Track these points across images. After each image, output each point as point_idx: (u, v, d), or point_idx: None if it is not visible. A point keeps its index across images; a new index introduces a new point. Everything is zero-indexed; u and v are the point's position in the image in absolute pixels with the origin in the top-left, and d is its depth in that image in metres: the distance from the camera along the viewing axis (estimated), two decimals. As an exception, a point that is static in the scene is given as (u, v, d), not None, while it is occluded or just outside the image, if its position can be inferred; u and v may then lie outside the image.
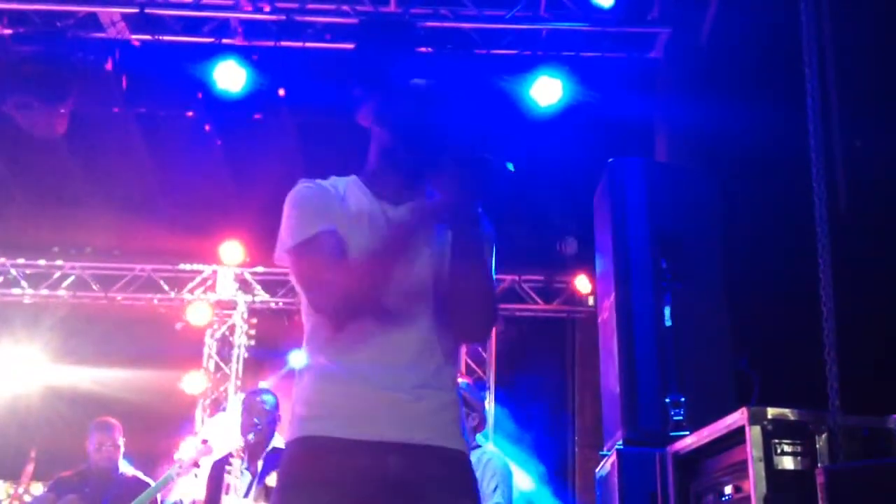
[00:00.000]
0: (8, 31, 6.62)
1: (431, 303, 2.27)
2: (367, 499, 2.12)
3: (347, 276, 2.18)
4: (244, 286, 10.25)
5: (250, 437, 5.41)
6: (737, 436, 3.32)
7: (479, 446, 4.70)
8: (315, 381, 2.27)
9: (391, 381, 2.21)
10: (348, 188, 2.39)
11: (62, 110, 6.49)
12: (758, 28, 5.22)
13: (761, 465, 3.15)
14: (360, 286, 2.18)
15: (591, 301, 9.59)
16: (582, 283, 9.71)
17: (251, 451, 5.45)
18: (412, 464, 2.17)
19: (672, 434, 4.12)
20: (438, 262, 2.28)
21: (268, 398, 5.64)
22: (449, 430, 2.25)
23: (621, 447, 4.27)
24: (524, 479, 8.21)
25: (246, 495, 5.36)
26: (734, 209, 4.99)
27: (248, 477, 5.42)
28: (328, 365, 2.25)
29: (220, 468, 5.48)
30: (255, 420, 5.45)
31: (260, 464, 5.43)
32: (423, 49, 6.54)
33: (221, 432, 9.10)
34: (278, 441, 5.55)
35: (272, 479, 5.43)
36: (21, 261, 9.99)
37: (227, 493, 5.33)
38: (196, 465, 5.59)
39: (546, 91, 6.68)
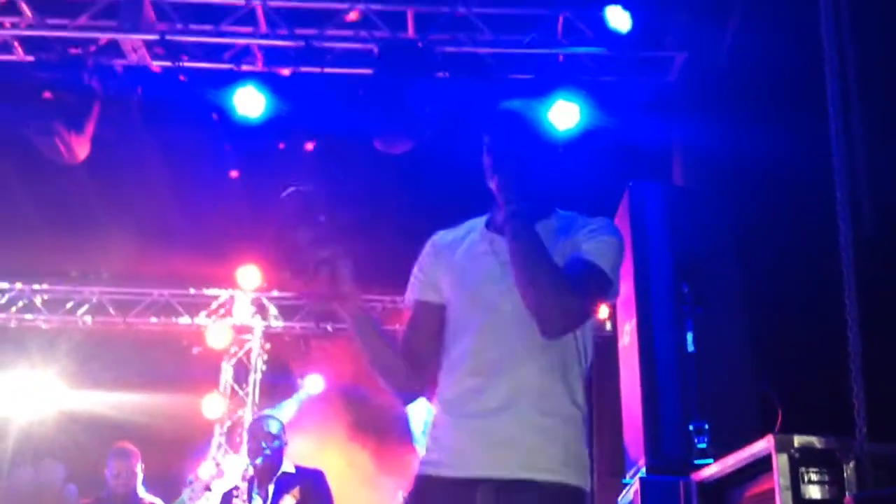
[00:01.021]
0: (30, 58, 6.68)
1: (513, 314, 2.26)
2: None
3: (405, 356, 2.38)
4: (261, 311, 10.26)
5: (258, 461, 5.42)
6: (763, 464, 3.27)
7: None
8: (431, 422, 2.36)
9: (476, 407, 2.23)
10: (474, 228, 2.50)
11: (83, 136, 6.52)
12: (776, 50, 5.22)
13: (789, 494, 3.10)
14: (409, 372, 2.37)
15: (608, 326, 9.53)
16: (599, 308, 9.64)
17: (261, 476, 5.45)
18: (499, 499, 2.15)
19: (696, 462, 4.08)
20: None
21: (273, 423, 5.65)
22: (542, 459, 2.17)
23: (645, 475, 4.22)
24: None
25: None
26: (755, 233, 4.97)
27: (258, 502, 5.40)
28: (435, 405, 2.35)
29: (228, 497, 5.49)
30: (262, 445, 5.46)
31: (271, 488, 5.42)
32: (440, 74, 6.59)
33: (235, 457, 9.11)
34: (288, 465, 5.55)
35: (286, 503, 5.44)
36: (39, 286, 10.03)
37: None
38: (208, 488, 5.59)
39: (563, 115, 6.68)
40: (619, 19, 6.51)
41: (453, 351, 2.35)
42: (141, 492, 5.96)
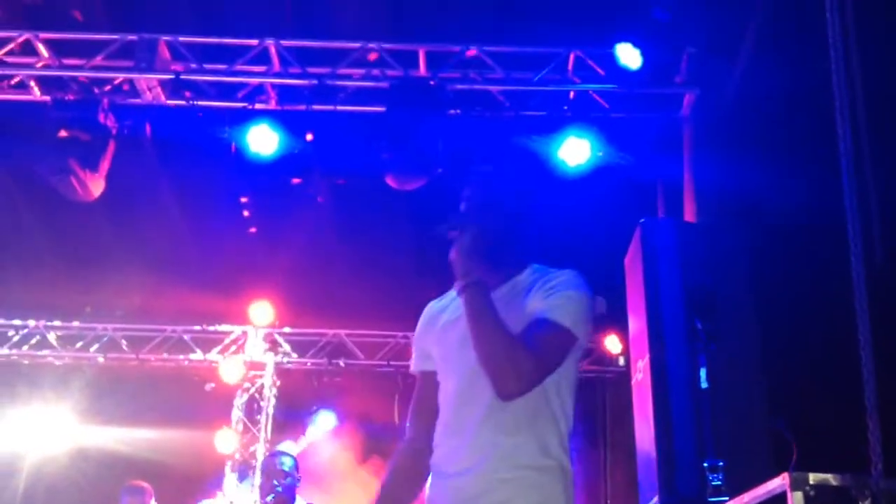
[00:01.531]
0: (46, 98, 6.77)
1: (480, 376, 2.34)
2: None
3: (418, 423, 2.59)
4: (273, 347, 10.26)
5: (269, 498, 5.41)
6: (778, 502, 3.25)
7: None
8: None
9: (451, 468, 2.36)
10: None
11: (98, 174, 6.59)
12: (786, 85, 5.24)
13: (805, 532, 3.08)
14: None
15: (621, 361, 9.51)
16: (612, 343, 9.64)
17: None
18: None
19: (711, 500, 4.05)
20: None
21: (286, 460, 5.66)
22: None
23: (658, 512, 4.20)
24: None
25: None
26: (767, 268, 4.96)
27: None
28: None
29: None
30: (274, 482, 5.46)
31: None
32: (452, 111, 6.65)
33: (245, 492, 9.08)
34: (300, 502, 5.54)
35: None
36: (52, 323, 10.07)
37: None
38: None
39: (574, 152, 6.71)
40: (629, 56, 6.56)
41: (441, 415, 2.49)
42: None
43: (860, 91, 3.79)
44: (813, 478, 3.17)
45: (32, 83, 6.84)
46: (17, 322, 10.05)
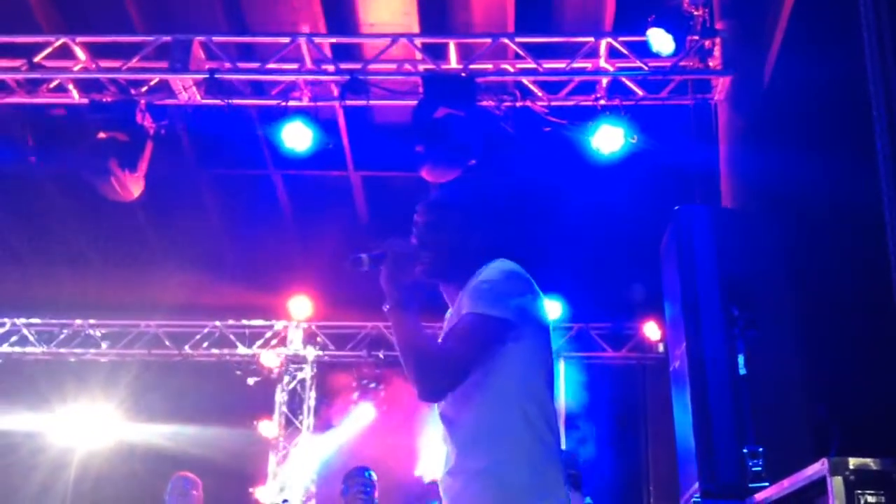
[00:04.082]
0: (84, 100, 6.88)
1: None
2: None
3: None
4: (313, 340, 10.37)
5: None
6: (818, 487, 3.24)
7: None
8: None
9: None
10: None
11: (137, 174, 6.69)
12: (820, 69, 5.18)
13: (844, 517, 3.07)
14: None
15: (660, 347, 9.47)
16: (651, 330, 9.61)
17: None
18: None
19: (751, 485, 4.04)
20: None
21: (373, 473, 5.73)
22: (467, 500, 2.39)
23: (699, 500, 4.19)
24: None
25: None
26: (804, 254, 4.92)
27: None
28: None
29: None
30: (364, 494, 5.55)
31: None
32: (484, 103, 6.64)
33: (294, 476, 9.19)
34: None
35: None
36: (97, 321, 10.26)
37: None
38: None
39: (608, 139, 6.68)
40: (661, 42, 6.51)
41: None
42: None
43: (894, 76, 3.75)
44: (853, 462, 3.16)
45: (71, 86, 6.95)
46: (64, 321, 10.26)
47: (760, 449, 4.16)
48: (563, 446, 9.27)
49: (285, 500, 5.94)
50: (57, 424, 10.29)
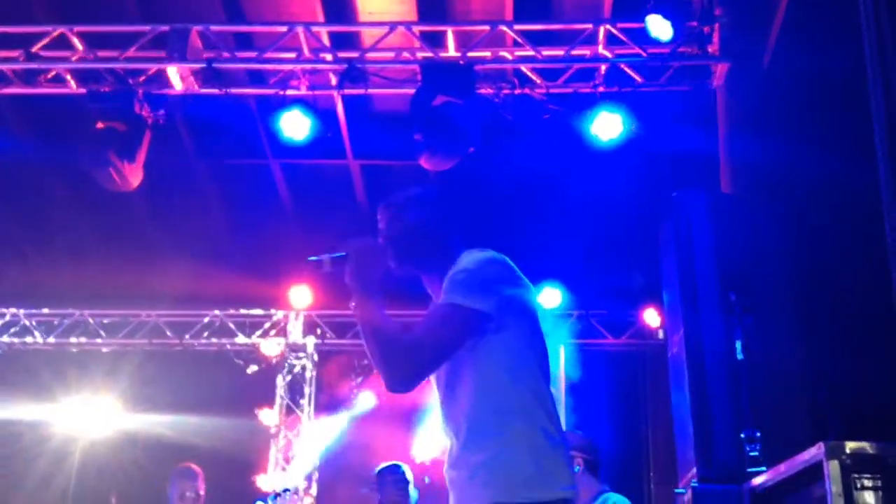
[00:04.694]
0: (82, 90, 6.88)
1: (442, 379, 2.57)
2: None
3: None
4: (313, 329, 10.40)
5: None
6: (815, 471, 3.26)
7: (603, 491, 4.67)
8: None
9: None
10: None
11: (135, 164, 6.68)
12: (819, 55, 5.17)
13: (841, 501, 3.09)
14: None
15: (660, 334, 9.49)
16: (651, 317, 9.63)
17: None
18: None
19: (748, 470, 4.05)
20: None
21: (408, 470, 5.73)
22: (474, 492, 2.41)
23: (696, 484, 4.21)
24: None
25: None
26: (802, 239, 4.92)
27: None
28: None
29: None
30: (402, 493, 5.57)
31: None
32: (482, 91, 6.63)
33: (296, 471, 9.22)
34: None
35: None
36: (98, 311, 10.28)
37: None
38: None
39: (607, 126, 6.68)
40: (660, 28, 6.49)
41: None
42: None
43: (892, 63, 3.74)
44: (849, 446, 3.17)
45: (68, 76, 6.95)
46: (64, 311, 10.30)
47: (758, 434, 4.16)
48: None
49: (286, 489, 5.94)
50: (60, 414, 10.32)
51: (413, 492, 5.66)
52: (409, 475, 5.70)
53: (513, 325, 2.48)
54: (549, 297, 9.46)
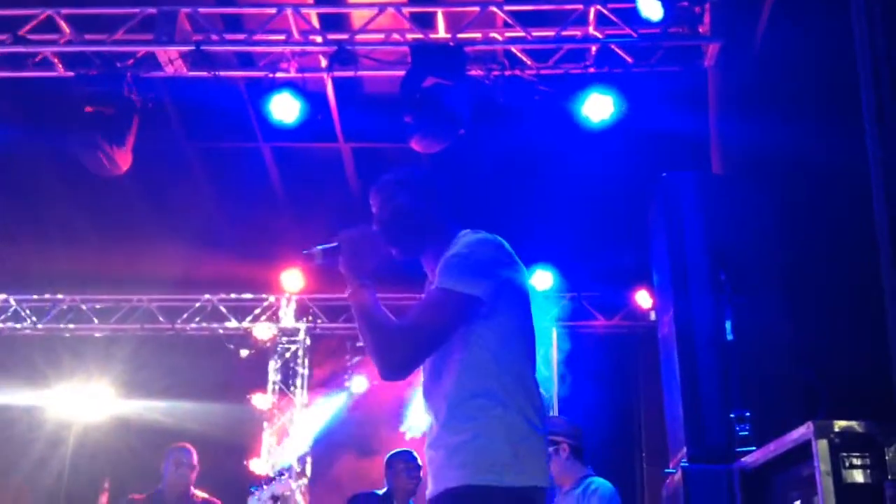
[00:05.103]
0: (70, 74, 6.83)
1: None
2: None
3: None
4: (306, 313, 10.40)
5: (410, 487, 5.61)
6: (804, 450, 3.27)
7: (587, 476, 4.69)
8: None
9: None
10: None
11: (124, 148, 6.65)
12: (809, 38, 5.16)
13: (829, 479, 3.10)
14: None
15: (652, 315, 9.51)
16: (643, 298, 9.65)
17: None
18: None
19: (738, 450, 4.07)
20: None
21: (416, 457, 5.75)
22: (450, 473, 2.43)
23: (686, 464, 4.23)
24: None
25: None
26: (792, 219, 4.92)
27: None
28: None
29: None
30: (410, 479, 5.61)
31: None
32: (472, 72, 6.60)
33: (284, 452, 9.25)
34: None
35: None
36: (91, 296, 10.27)
37: None
38: (274, 498, 5.69)
39: (598, 107, 6.66)
40: (651, 8, 6.47)
41: None
42: (194, 489, 6.06)
43: (882, 43, 3.73)
44: (838, 425, 3.18)
45: (56, 60, 6.90)
46: (56, 297, 10.29)
47: (748, 413, 4.18)
48: (557, 413, 9.32)
49: (280, 472, 5.97)
50: (54, 399, 10.32)
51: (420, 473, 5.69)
52: (420, 461, 5.72)
53: (504, 309, 2.49)
54: (541, 280, 9.47)
